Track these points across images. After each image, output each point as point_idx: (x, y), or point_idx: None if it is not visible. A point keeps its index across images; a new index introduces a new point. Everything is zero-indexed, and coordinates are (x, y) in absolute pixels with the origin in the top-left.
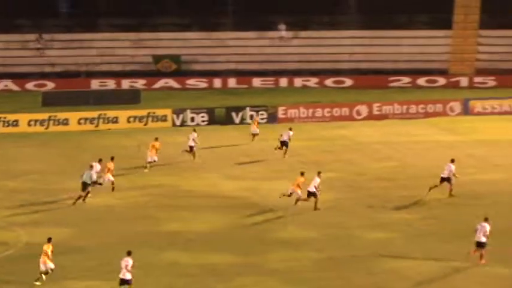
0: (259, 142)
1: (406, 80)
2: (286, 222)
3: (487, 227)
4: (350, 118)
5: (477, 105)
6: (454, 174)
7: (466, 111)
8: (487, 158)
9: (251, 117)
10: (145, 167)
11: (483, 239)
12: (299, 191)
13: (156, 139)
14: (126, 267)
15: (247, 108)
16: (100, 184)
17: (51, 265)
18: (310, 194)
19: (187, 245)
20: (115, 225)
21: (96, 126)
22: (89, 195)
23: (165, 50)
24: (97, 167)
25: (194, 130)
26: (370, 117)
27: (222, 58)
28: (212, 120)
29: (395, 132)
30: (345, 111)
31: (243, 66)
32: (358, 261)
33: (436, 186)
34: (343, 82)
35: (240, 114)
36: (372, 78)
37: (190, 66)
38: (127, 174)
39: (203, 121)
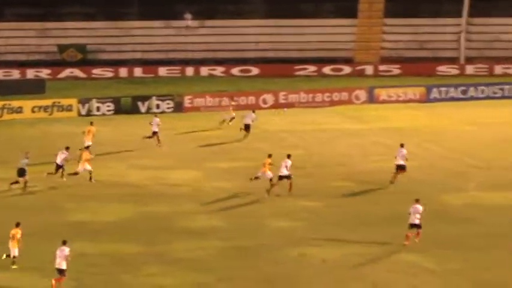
0: (166, 132)
1: (312, 68)
2: (193, 211)
3: (420, 208)
4: (256, 107)
5: (382, 93)
6: (406, 159)
7: (371, 99)
8: (392, 146)
9: (157, 106)
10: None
11: (417, 221)
12: (269, 172)
13: (92, 123)
14: (62, 257)
15: (154, 98)
16: (76, 173)
17: (15, 252)
18: (282, 177)
19: (94, 235)
20: (22, 216)
21: (0, 116)
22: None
23: (71, 40)
24: (65, 154)
25: (156, 115)
26: (277, 105)
27: (128, 47)
28: (118, 110)
29: (301, 120)
30: (251, 99)
31: (149, 55)
32: (265, 250)
33: (395, 175)
34: (249, 71)
35: (146, 103)
36: (278, 67)
37: (96, 55)
38: (33, 164)
39: (109, 110)
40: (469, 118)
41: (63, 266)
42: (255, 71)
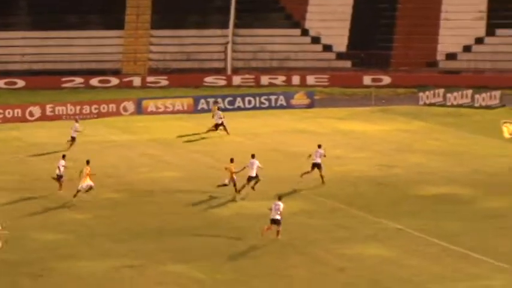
0: None
1: (79, 80)
2: None
3: (281, 205)
4: (23, 119)
5: (150, 105)
6: (324, 155)
7: (140, 110)
8: (160, 157)
9: None
10: None
11: (278, 217)
12: (235, 177)
13: None
14: None
15: None
16: (78, 191)
17: None
18: (252, 178)
19: None
20: None
21: None
22: None
23: None
24: (61, 162)
25: (76, 121)
26: (43, 118)
27: None
28: None
29: (69, 132)
30: (18, 112)
31: None
32: (31, 264)
33: (308, 172)
34: (15, 83)
35: None
36: (44, 79)
37: None
38: None
39: None
40: (236, 128)
41: None
42: (20, 83)
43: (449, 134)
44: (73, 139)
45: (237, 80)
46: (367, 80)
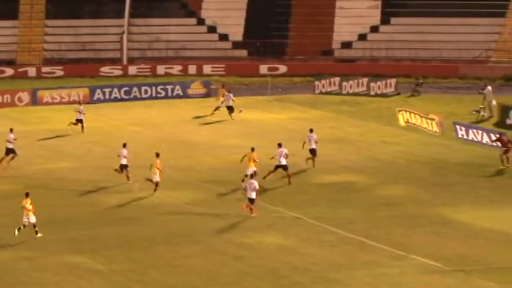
0: None
1: None
2: None
3: (255, 183)
4: None
5: (46, 95)
6: (316, 142)
7: (35, 101)
8: (56, 147)
9: None
10: None
11: (253, 195)
12: (253, 167)
13: None
14: None
15: None
16: (151, 181)
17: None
18: (279, 167)
19: None
20: None
21: None
22: None
23: None
24: (124, 151)
25: (80, 103)
26: None
27: None
28: None
29: None
30: None
31: None
32: None
33: (309, 158)
34: None
35: None
36: None
37: None
38: None
39: None
40: (133, 118)
41: None
42: None
43: (345, 122)
44: (78, 121)
45: (133, 69)
46: (263, 69)
